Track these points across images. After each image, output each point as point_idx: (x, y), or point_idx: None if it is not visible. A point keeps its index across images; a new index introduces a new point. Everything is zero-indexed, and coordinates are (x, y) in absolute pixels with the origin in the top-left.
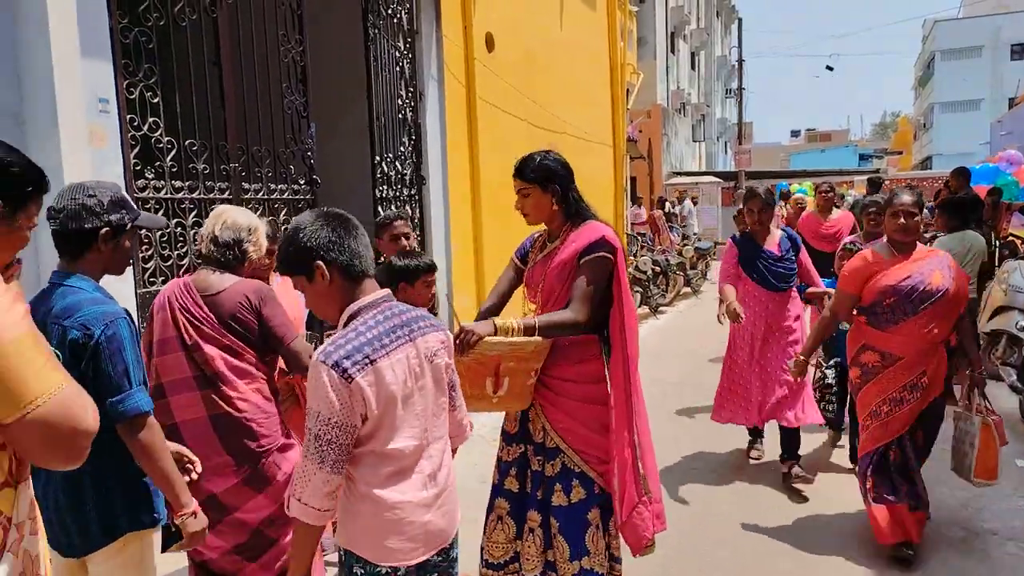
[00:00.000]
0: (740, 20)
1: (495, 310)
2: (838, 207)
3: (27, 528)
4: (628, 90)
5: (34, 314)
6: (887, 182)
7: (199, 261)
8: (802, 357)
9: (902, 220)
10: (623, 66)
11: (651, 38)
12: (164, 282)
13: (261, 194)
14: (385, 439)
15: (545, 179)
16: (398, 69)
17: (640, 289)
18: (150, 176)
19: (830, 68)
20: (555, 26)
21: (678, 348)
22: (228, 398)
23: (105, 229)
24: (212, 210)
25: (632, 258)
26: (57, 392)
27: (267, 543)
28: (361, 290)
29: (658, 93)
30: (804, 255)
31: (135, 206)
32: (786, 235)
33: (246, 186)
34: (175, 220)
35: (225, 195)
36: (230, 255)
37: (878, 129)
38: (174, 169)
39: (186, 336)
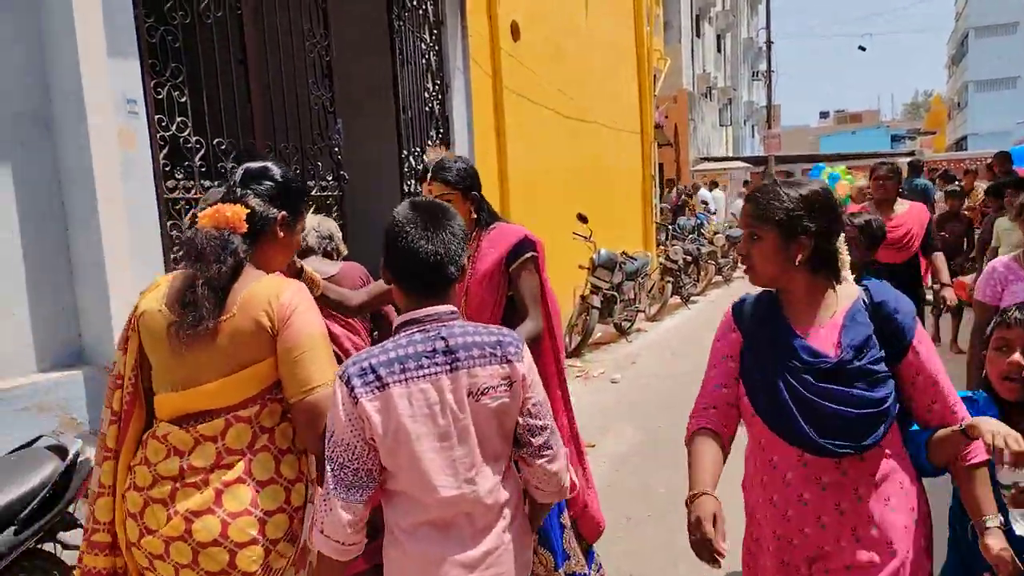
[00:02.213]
0: (768, 0)
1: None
2: (904, 194)
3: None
4: (655, 76)
5: None
6: (924, 164)
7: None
8: None
9: None
10: (650, 52)
11: (676, 21)
12: None
13: None
14: (409, 480)
15: (469, 187)
16: (424, 61)
17: (672, 279)
18: (179, 177)
19: (862, 48)
20: (580, 12)
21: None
22: None
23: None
24: None
25: (663, 247)
26: (331, 384)
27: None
28: (418, 302)
29: (684, 77)
30: (927, 350)
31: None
32: (868, 297)
33: None
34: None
35: None
36: (331, 246)
37: (910, 109)
38: (203, 169)
39: None
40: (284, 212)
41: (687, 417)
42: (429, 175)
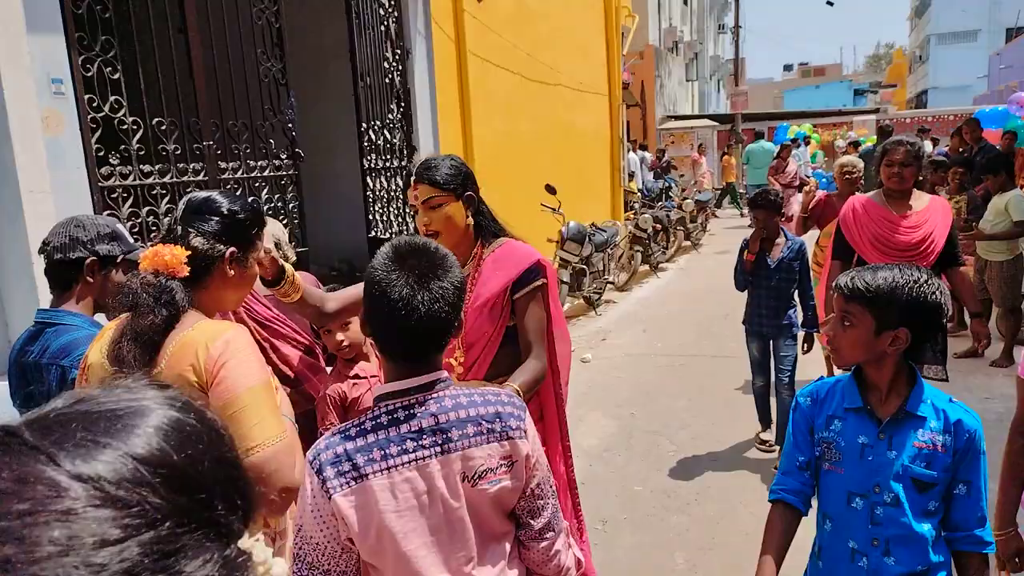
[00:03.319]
0: None
1: None
2: (920, 182)
3: (290, 529)
4: (623, 34)
5: (28, 355)
6: (890, 121)
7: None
8: None
9: None
10: (618, 9)
11: None
12: None
13: (240, 173)
14: None
15: (461, 185)
16: (383, 28)
17: (641, 248)
18: (115, 162)
19: (830, 3)
20: None
21: (684, 309)
22: (309, 396)
23: (92, 259)
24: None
25: (633, 214)
26: (274, 443)
27: None
28: (400, 371)
29: (650, 32)
30: None
31: (131, 241)
32: None
33: (223, 165)
34: (146, 208)
35: (200, 177)
36: (279, 255)
37: (871, 61)
38: (141, 152)
39: (259, 338)
40: (233, 248)
41: (660, 405)
42: (414, 177)
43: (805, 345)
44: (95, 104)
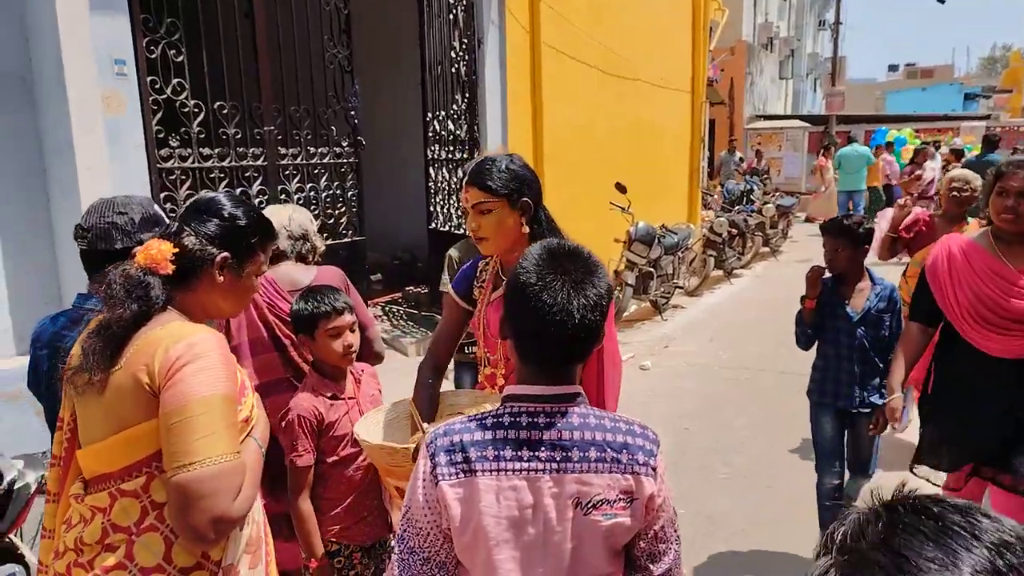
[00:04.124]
0: None
1: (440, 373)
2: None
3: (244, 563)
4: (711, 29)
5: (67, 340)
6: (999, 129)
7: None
8: None
9: None
10: (707, 2)
11: None
12: None
13: (300, 159)
14: None
15: (516, 191)
16: (451, 17)
17: (714, 252)
18: (175, 144)
19: (941, 1)
20: None
21: (757, 318)
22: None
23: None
24: (247, 179)
25: (706, 216)
26: (217, 462)
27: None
28: (535, 375)
29: (744, 27)
30: None
31: (169, 222)
32: None
33: (283, 151)
34: (204, 192)
35: (259, 162)
36: (306, 247)
37: (986, 63)
38: (202, 135)
39: (280, 335)
40: (226, 254)
41: (719, 420)
42: (466, 178)
43: (878, 421)
44: (157, 86)
